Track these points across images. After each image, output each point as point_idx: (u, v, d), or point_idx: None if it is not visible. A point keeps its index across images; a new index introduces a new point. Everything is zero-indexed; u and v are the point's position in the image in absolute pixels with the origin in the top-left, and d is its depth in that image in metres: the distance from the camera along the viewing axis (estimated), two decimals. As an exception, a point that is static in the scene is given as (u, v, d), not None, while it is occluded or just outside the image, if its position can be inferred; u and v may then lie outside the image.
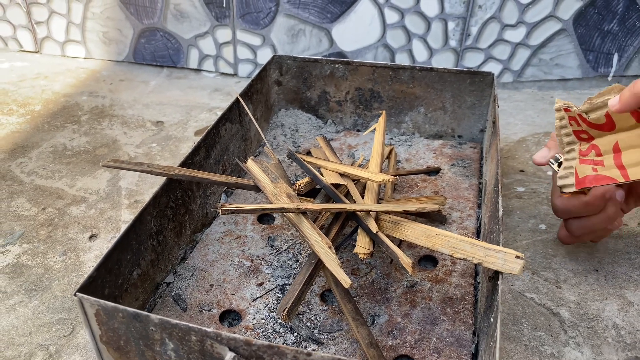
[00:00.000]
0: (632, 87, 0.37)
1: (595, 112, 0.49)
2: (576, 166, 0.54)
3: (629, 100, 0.38)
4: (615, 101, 0.39)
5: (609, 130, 0.50)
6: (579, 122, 0.52)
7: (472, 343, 0.52)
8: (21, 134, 0.94)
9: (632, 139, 0.49)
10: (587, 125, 0.51)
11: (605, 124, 0.50)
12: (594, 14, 0.98)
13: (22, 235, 0.71)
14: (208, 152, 0.66)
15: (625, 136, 0.49)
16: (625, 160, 0.50)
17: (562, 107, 0.53)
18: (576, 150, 0.55)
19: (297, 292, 0.49)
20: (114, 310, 0.41)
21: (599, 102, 0.48)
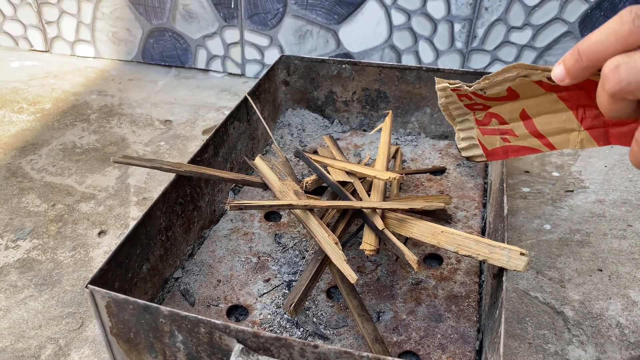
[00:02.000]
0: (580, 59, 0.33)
1: (495, 87, 0.46)
2: (478, 137, 0.51)
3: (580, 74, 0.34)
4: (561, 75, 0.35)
5: (511, 100, 0.46)
6: (471, 97, 0.48)
7: (476, 340, 0.52)
8: (31, 131, 0.95)
9: (543, 106, 0.45)
10: (482, 99, 0.48)
11: (507, 96, 0.46)
12: (600, 17, 0.98)
13: (33, 231, 0.72)
14: (216, 149, 0.67)
15: (533, 102, 0.46)
16: (542, 128, 0.46)
17: (447, 88, 0.49)
18: (471, 120, 0.51)
19: (304, 288, 0.50)
20: (125, 302, 0.42)
21: (500, 79, 0.44)
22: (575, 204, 0.76)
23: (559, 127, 0.45)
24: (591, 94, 0.41)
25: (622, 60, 0.30)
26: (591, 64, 0.33)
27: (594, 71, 0.33)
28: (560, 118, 0.45)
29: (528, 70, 0.42)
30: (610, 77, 0.30)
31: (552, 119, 0.45)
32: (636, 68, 0.29)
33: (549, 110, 0.45)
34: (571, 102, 0.43)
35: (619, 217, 0.73)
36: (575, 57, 0.33)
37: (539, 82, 0.43)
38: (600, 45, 0.31)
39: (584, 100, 0.42)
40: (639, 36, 0.30)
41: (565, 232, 0.71)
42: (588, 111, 0.43)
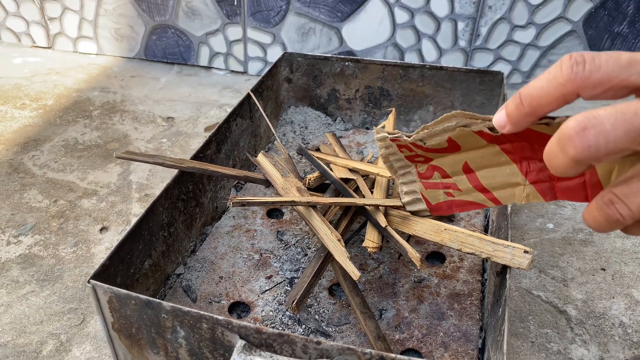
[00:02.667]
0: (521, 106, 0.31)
1: (434, 138, 0.43)
2: (421, 190, 0.49)
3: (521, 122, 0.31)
4: (502, 121, 0.32)
5: (452, 152, 0.44)
6: (411, 149, 0.46)
7: (479, 338, 0.52)
8: (33, 127, 0.95)
9: (485, 158, 0.43)
10: (423, 150, 0.45)
11: (448, 147, 0.44)
12: (604, 16, 0.98)
13: (34, 227, 0.72)
14: (219, 146, 0.67)
15: (475, 155, 0.43)
16: (486, 182, 0.44)
17: (387, 138, 0.46)
18: (413, 173, 0.49)
19: (306, 284, 0.50)
20: (127, 297, 0.42)
21: (439, 129, 0.42)
22: (578, 203, 0.76)
23: (503, 181, 0.43)
24: (534, 146, 0.39)
25: (590, 123, 0.27)
26: (532, 111, 0.31)
27: (536, 119, 0.31)
28: (504, 171, 0.43)
29: (468, 119, 0.40)
30: (577, 142, 0.27)
31: (495, 173, 0.43)
32: (605, 133, 0.26)
33: (492, 163, 0.43)
34: (514, 155, 0.41)
35: (622, 216, 0.73)
36: (516, 102, 0.31)
37: (480, 133, 0.41)
38: (540, 91, 0.30)
39: (527, 152, 0.41)
40: (578, 84, 0.28)
41: (569, 231, 0.71)
42: (532, 164, 0.41)
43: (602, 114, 0.26)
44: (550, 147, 0.28)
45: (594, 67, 0.28)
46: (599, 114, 0.26)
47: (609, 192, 0.29)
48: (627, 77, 0.27)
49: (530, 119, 0.31)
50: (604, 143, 0.26)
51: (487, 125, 0.39)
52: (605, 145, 0.26)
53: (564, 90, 0.28)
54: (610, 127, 0.26)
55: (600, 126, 0.26)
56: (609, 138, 0.26)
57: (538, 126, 0.35)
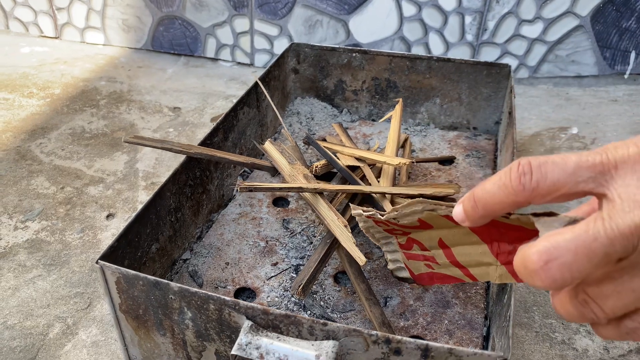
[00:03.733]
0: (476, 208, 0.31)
1: (406, 218, 0.44)
2: (404, 260, 0.50)
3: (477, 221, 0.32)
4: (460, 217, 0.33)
5: (426, 228, 0.45)
6: (387, 224, 0.47)
7: (483, 326, 0.52)
8: (41, 116, 0.96)
9: (457, 237, 0.44)
10: (398, 227, 0.47)
11: (420, 226, 0.45)
12: (613, 11, 0.98)
13: (41, 213, 0.73)
14: (226, 134, 0.67)
15: (448, 233, 0.45)
16: (461, 259, 0.45)
17: (362, 214, 0.47)
18: (394, 243, 0.50)
19: (312, 270, 0.50)
20: (135, 278, 0.42)
21: (408, 211, 0.43)
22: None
23: (477, 260, 0.44)
24: (501, 230, 0.40)
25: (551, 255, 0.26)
26: (486, 213, 0.31)
27: (491, 219, 0.31)
28: (477, 250, 0.43)
29: (433, 205, 0.41)
30: (542, 276, 0.26)
31: (469, 251, 0.44)
32: (568, 265, 0.26)
33: (464, 241, 0.44)
34: (484, 236, 0.42)
35: (628, 210, 0.73)
36: (471, 203, 0.31)
37: (447, 217, 0.41)
38: (492, 197, 0.30)
39: (495, 235, 0.41)
40: (527, 195, 0.28)
41: (574, 224, 0.70)
42: (502, 246, 0.41)
43: (562, 244, 0.26)
44: (518, 268, 0.28)
45: (541, 177, 0.27)
46: (559, 244, 0.26)
47: (582, 292, 0.28)
48: (574, 185, 0.27)
49: (486, 220, 0.32)
50: (568, 274, 0.26)
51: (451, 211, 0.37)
52: (570, 275, 0.26)
53: (515, 199, 0.28)
54: (572, 257, 0.26)
55: (562, 258, 0.26)
56: (572, 268, 0.26)
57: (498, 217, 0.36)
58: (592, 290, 0.27)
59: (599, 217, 0.25)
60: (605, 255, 0.25)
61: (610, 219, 0.25)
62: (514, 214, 0.34)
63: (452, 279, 0.47)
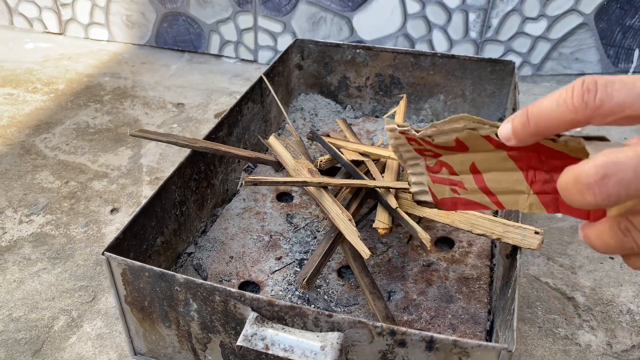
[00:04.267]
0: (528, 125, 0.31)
1: (442, 136, 0.43)
2: (428, 184, 0.49)
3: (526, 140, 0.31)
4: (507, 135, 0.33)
5: (461, 150, 0.44)
6: (420, 143, 0.46)
7: (487, 321, 0.52)
8: (45, 111, 0.96)
9: (492, 162, 0.43)
10: (431, 146, 0.45)
11: (455, 147, 0.43)
12: (616, 9, 0.98)
13: (46, 207, 0.73)
14: (230, 129, 0.67)
15: (482, 157, 0.43)
16: (491, 185, 0.44)
17: (396, 129, 0.46)
18: (422, 165, 0.49)
19: (317, 263, 0.50)
20: (141, 269, 0.42)
21: (447, 128, 0.41)
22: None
23: (508, 187, 0.43)
24: (541, 157, 0.39)
25: (610, 170, 0.25)
26: (538, 131, 0.30)
27: (542, 138, 0.31)
28: (511, 177, 0.42)
29: (476, 123, 0.39)
30: (597, 191, 0.26)
31: (501, 177, 0.43)
32: (626, 182, 0.25)
33: (498, 167, 0.43)
34: (521, 163, 0.41)
35: (632, 207, 0.73)
36: (523, 120, 0.31)
37: (488, 137, 0.40)
38: (549, 113, 0.29)
39: (534, 162, 0.40)
40: (588, 113, 0.27)
41: (578, 220, 0.71)
42: (538, 174, 0.40)
43: (624, 160, 0.25)
44: (566, 185, 0.27)
45: (606, 96, 0.27)
46: (620, 159, 0.25)
47: (625, 220, 0.28)
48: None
49: (536, 138, 0.31)
50: (624, 192, 0.25)
51: (495, 132, 0.38)
52: (625, 193, 0.25)
53: (574, 117, 0.28)
54: (632, 175, 0.25)
55: (622, 174, 0.25)
56: (630, 187, 0.25)
57: (544, 141, 0.35)
58: (637, 219, 0.27)
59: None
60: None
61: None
62: (563, 136, 0.33)
63: (477, 205, 0.46)
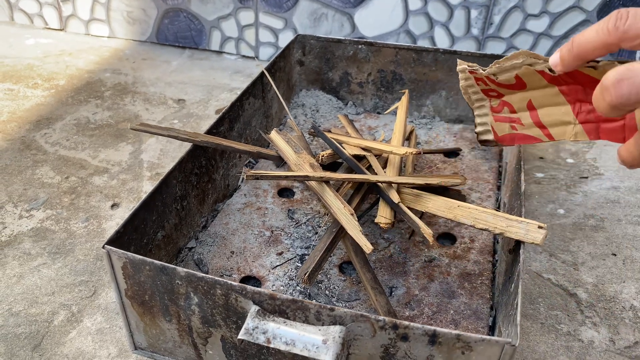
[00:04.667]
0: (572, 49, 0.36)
1: (504, 74, 0.49)
2: (491, 123, 0.55)
3: (571, 63, 0.37)
4: (555, 61, 0.39)
5: (519, 89, 0.50)
6: (486, 82, 0.52)
7: (489, 316, 0.52)
8: (46, 106, 0.96)
9: (546, 98, 0.48)
10: (495, 85, 0.51)
11: (516, 84, 0.49)
12: (619, 5, 0.97)
13: (46, 202, 0.73)
14: (232, 124, 0.67)
15: (538, 94, 0.49)
16: (544, 119, 0.50)
17: (466, 69, 0.52)
18: (487, 107, 0.55)
19: (318, 258, 0.50)
20: (142, 263, 0.42)
21: (508, 65, 0.48)
22: (589, 190, 0.75)
23: (558, 119, 0.49)
24: (586, 90, 0.45)
25: (625, 75, 0.31)
26: (579, 54, 0.36)
27: (583, 62, 0.37)
28: (560, 111, 0.48)
29: (532, 58, 0.46)
30: (612, 91, 0.31)
31: (553, 112, 0.49)
32: (637, 85, 0.30)
33: (551, 102, 0.48)
34: (570, 97, 0.47)
35: (634, 203, 0.73)
36: (568, 47, 0.37)
37: (542, 72, 0.46)
38: (588, 38, 0.34)
39: (581, 95, 0.46)
40: (619, 35, 0.32)
41: (580, 217, 0.70)
42: (584, 106, 0.46)
43: (637, 67, 0.30)
44: (595, 92, 0.33)
45: (634, 22, 0.32)
46: (634, 67, 0.30)
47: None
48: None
49: (578, 62, 0.37)
50: (635, 93, 0.30)
51: (547, 66, 0.45)
52: (636, 94, 0.30)
53: (607, 40, 0.33)
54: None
55: (634, 78, 0.30)
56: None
57: (587, 69, 0.41)
58: None
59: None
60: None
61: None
62: (602, 61, 0.39)
63: (532, 138, 0.52)
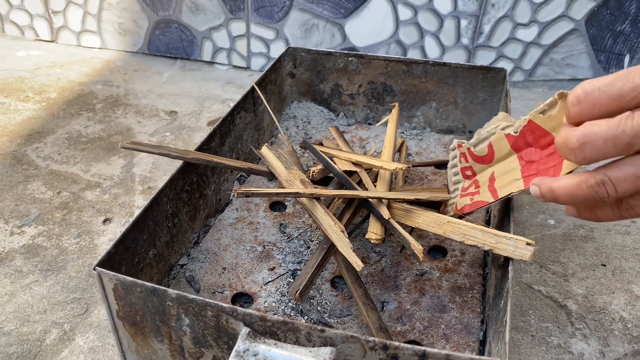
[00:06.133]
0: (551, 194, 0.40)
1: (480, 144, 0.54)
2: (457, 200, 0.58)
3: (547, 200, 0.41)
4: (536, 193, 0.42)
5: (488, 162, 0.54)
6: (467, 158, 0.56)
7: (480, 330, 0.52)
8: (37, 120, 0.96)
9: (504, 166, 0.52)
10: (472, 160, 0.56)
11: (487, 155, 0.53)
12: (607, 15, 0.98)
13: (38, 218, 0.73)
14: (223, 139, 0.67)
15: (500, 166, 0.52)
16: (497, 184, 0.53)
17: (456, 145, 0.58)
18: (459, 189, 0.58)
19: (310, 275, 0.50)
20: (132, 284, 0.42)
21: (485, 133, 0.53)
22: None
23: (508, 181, 0.51)
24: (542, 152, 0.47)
25: (587, 139, 0.34)
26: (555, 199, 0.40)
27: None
28: (512, 176, 0.50)
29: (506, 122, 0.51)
30: (577, 153, 0.35)
31: (507, 177, 0.51)
32: (598, 148, 0.34)
33: (508, 170, 0.51)
34: (524, 160, 0.50)
35: (623, 213, 0.73)
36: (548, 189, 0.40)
37: (508, 136, 0.50)
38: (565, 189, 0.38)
39: (534, 156, 0.48)
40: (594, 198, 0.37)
41: (569, 227, 0.71)
42: (533, 165, 0.49)
43: (597, 132, 0.33)
44: (559, 145, 0.36)
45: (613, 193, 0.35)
46: (594, 131, 0.34)
47: (602, 174, 0.35)
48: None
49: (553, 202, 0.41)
50: (596, 155, 0.34)
51: (514, 129, 0.48)
52: (597, 156, 0.34)
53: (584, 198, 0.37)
54: (602, 143, 0.33)
55: (595, 142, 0.34)
56: (600, 151, 0.34)
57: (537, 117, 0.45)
58: (612, 173, 0.35)
59: (631, 116, 0.33)
60: (628, 145, 0.33)
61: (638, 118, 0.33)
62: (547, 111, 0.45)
63: (482, 202, 0.54)
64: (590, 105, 0.35)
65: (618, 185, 0.35)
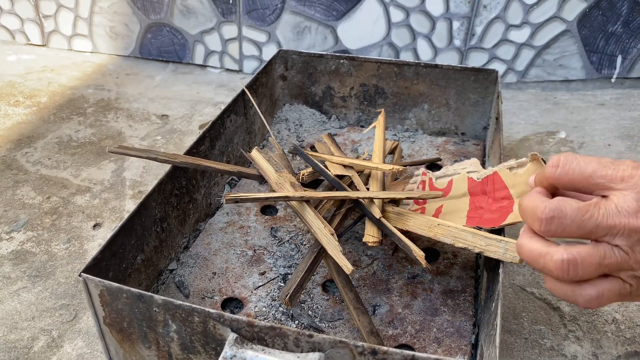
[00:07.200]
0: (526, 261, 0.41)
1: (443, 178, 0.58)
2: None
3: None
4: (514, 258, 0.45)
5: (443, 196, 0.56)
6: (425, 187, 0.59)
7: (472, 334, 0.52)
8: (27, 124, 0.95)
9: (455, 204, 0.54)
10: (429, 188, 0.59)
11: (444, 189, 0.56)
12: (599, 16, 0.98)
13: (27, 223, 0.72)
14: (213, 142, 0.67)
15: (450, 203, 0.54)
16: (441, 217, 0.54)
17: (421, 173, 0.61)
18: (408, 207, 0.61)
19: (300, 279, 0.49)
20: (118, 290, 0.42)
21: (452, 170, 0.57)
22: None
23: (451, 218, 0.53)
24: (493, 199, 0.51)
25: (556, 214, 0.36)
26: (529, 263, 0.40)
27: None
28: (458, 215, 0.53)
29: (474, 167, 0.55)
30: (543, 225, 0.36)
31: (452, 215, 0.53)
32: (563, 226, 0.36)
33: (456, 209, 0.53)
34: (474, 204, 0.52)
35: (616, 214, 0.73)
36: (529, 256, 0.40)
37: (470, 179, 0.53)
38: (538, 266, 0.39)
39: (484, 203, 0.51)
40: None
41: (562, 229, 0.71)
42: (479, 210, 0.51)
43: (568, 211, 0.35)
44: (526, 209, 0.38)
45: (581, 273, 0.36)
46: (565, 210, 0.36)
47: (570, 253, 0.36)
48: None
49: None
50: (560, 231, 0.36)
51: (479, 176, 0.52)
52: (561, 232, 0.36)
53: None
54: (569, 222, 0.35)
55: (562, 220, 0.36)
56: (565, 229, 0.36)
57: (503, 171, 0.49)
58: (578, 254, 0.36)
59: (599, 206, 0.35)
60: (591, 232, 0.35)
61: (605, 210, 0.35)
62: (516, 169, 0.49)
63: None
64: (564, 172, 0.37)
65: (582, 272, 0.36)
